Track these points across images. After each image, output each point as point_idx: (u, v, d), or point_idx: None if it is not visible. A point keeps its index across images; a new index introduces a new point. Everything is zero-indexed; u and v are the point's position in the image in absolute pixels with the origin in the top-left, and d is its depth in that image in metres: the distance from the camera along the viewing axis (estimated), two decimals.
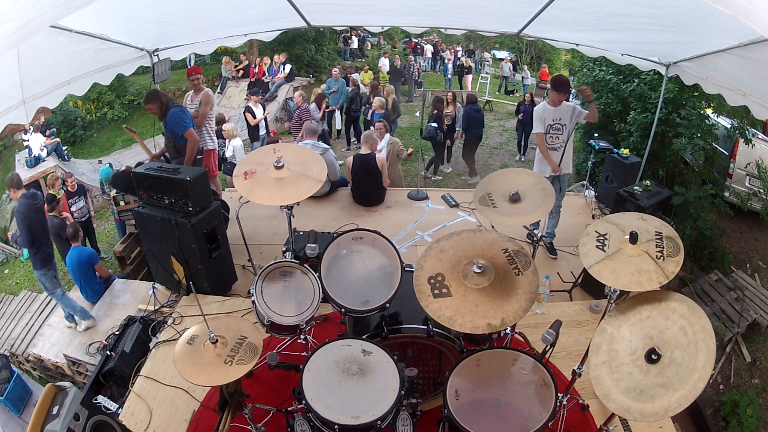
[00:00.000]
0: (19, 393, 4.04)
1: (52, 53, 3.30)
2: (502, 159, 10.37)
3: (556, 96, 4.25)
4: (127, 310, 4.19)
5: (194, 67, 5.13)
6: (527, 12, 4.15)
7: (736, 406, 4.22)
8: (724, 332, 4.83)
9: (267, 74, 13.21)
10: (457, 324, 1.97)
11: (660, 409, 1.80)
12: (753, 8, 1.84)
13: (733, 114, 6.03)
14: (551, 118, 4.30)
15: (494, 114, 13.97)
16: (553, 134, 4.34)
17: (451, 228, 5.30)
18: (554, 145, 4.38)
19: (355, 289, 2.55)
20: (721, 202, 5.67)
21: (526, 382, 2.20)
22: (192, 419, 2.96)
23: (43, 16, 1.86)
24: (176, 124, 4.32)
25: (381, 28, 5.79)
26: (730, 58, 3.59)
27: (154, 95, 4.35)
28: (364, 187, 5.69)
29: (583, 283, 4.23)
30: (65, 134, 11.60)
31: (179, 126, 4.33)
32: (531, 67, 18.54)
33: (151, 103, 4.34)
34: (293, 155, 3.02)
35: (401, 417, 2.21)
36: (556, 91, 4.25)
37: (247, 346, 2.18)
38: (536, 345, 3.16)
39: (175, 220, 3.69)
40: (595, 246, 2.18)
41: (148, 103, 4.36)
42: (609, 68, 7.21)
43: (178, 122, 4.32)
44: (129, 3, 3.45)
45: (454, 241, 2.30)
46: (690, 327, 1.89)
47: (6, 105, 3.06)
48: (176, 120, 4.32)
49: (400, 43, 21.02)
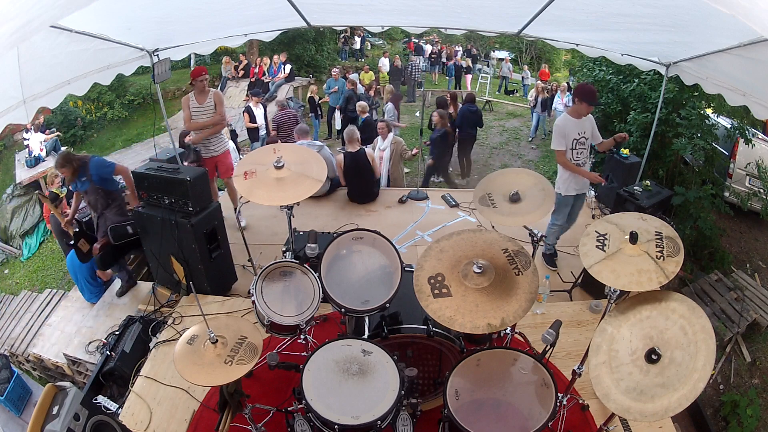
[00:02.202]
0: (19, 393, 4.05)
1: (52, 53, 3.30)
2: (502, 159, 10.37)
3: (585, 108, 3.87)
4: (127, 310, 4.18)
5: (201, 68, 5.01)
6: (527, 12, 4.13)
7: (736, 406, 4.22)
8: (724, 332, 4.83)
9: (267, 74, 13.22)
10: (457, 324, 1.97)
11: (660, 409, 1.80)
12: (753, 8, 1.84)
13: (733, 114, 6.03)
14: (576, 132, 3.96)
15: (494, 114, 13.98)
16: (579, 149, 4.00)
17: (451, 228, 5.30)
18: (579, 160, 4.04)
19: (355, 289, 2.55)
20: (721, 202, 5.67)
21: (526, 382, 2.20)
22: (192, 419, 2.96)
23: (43, 16, 1.86)
24: (103, 168, 3.99)
25: (381, 28, 5.79)
26: (730, 58, 3.59)
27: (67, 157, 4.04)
28: (357, 184, 5.70)
29: (583, 283, 4.23)
30: (65, 134, 11.60)
31: (107, 168, 4.02)
32: (531, 67, 18.55)
33: (64, 168, 3.99)
34: (293, 155, 3.02)
35: (401, 417, 2.22)
36: (587, 103, 3.86)
37: (247, 346, 2.18)
38: (536, 345, 3.16)
39: (175, 220, 3.69)
40: (595, 246, 2.18)
41: (62, 167, 4.01)
42: (609, 68, 7.21)
43: (104, 165, 4.02)
44: (129, 3, 3.45)
45: (454, 241, 2.30)
46: (690, 327, 1.89)
47: (6, 105, 3.05)
48: (101, 164, 4.00)
49: (399, 43, 21.03)
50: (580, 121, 3.95)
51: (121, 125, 12.97)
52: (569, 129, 3.95)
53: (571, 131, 3.96)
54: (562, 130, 3.95)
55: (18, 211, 8.68)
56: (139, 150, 11.29)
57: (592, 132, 4.04)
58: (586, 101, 3.85)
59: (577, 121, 3.95)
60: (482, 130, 9.86)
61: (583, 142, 4.01)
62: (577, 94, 3.98)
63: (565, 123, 3.98)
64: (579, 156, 4.04)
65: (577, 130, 3.96)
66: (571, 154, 4.02)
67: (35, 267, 7.64)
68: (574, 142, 3.99)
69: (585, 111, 3.91)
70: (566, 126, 3.96)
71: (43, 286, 6.83)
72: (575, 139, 3.97)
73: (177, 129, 9.45)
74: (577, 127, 3.96)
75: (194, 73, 4.81)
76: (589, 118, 4.03)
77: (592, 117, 4.08)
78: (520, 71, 17.36)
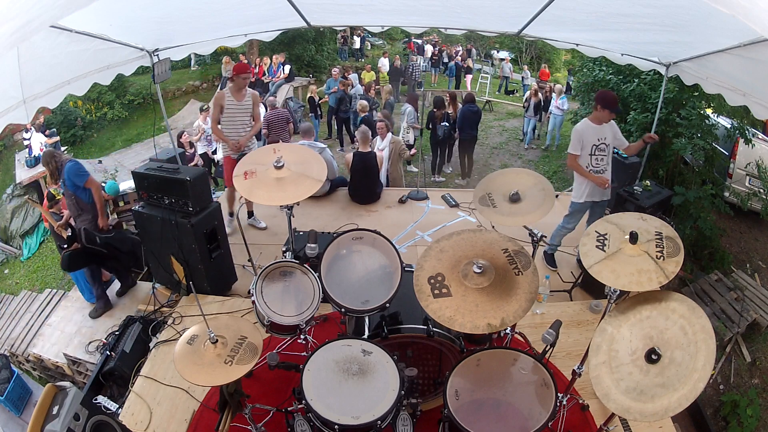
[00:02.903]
0: (19, 393, 4.05)
1: (52, 53, 3.30)
2: (502, 159, 10.38)
3: (606, 115, 3.83)
4: (127, 310, 4.19)
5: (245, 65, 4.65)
6: (527, 12, 4.13)
7: (736, 406, 4.22)
8: (724, 332, 4.83)
9: (267, 74, 13.22)
10: (457, 324, 1.97)
11: (660, 409, 1.80)
12: (753, 8, 1.84)
13: (733, 114, 6.03)
14: (596, 137, 3.92)
15: (494, 114, 13.99)
16: (598, 155, 3.97)
17: (451, 228, 5.30)
18: (599, 167, 4.00)
19: (355, 289, 2.55)
20: (721, 202, 5.67)
21: (526, 382, 2.20)
22: (192, 419, 2.96)
23: (43, 16, 1.86)
24: (76, 176, 4.00)
25: (381, 28, 5.79)
26: (730, 58, 3.59)
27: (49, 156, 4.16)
28: (362, 185, 5.70)
29: (583, 283, 4.23)
30: (65, 134, 11.60)
31: (79, 176, 4.02)
32: (531, 67, 18.56)
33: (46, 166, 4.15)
34: (293, 155, 3.02)
35: (401, 417, 2.21)
36: (609, 109, 3.81)
37: (247, 346, 2.18)
38: (536, 345, 3.16)
39: (175, 220, 3.69)
40: (595, 246, 2.18)
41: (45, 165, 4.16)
42: (609, 68, 7.21)
43: (77, 173, 4.02)
44: (129, 3, 3.45)
45: (454, 241, 2.30)
46: (690, 327, 1.89)
47: (6, 105, 3.05)
48: (75, 172, 4.01)
49: (399, 43, 21.04)
50: (600, 127, 3.93)
51: (121, 125, 12.98)
52: (588, 135, 3.93)
53: (590, 137, 3.93)
54: (580, 135, 3.93)
55: (18, 211, 8.68)
56: (139, 150, 11.30)
57: (614, 138, 4.01)
58: (608, 108, 3.82)
59: (598, 127, 3.93)
60: (482, 130, 9.91)
61: (603, 149, 3.98)
62: (598, 100, 3.93)
63: (585, 128, 3.95)
64: (599, 162, 4.01)
65: (597, 136, 3.94)
66: (590, 160, 3.99)
67: (35, 267, 7.64)
68: (593, 148, 3.95)
69: (606, 118, 3.87)
70: (585, 131, 3.93)
71: (43, 286, 6.83)
72: (594, 145, 3.94)
73: (177, 129, 9.48)
74: (597, 133, 3.93)
75: (240, 69, 4.54)
76: (611, 124, 3.98)
77: (614, 123, 4.04)
78: (520, 71, 17.37)
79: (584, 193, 4.11)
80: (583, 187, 4.12)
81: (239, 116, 4.57)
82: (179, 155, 5.59)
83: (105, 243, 4.04)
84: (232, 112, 4.53)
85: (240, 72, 4.50)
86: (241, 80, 4.50)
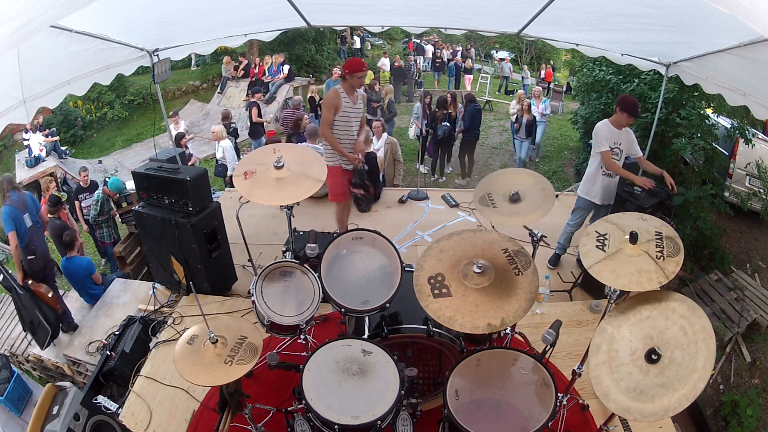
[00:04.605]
0: (19, 393, 4.04)
1: (52, 53, 3.30)
2: (502, 159, 10.38)
3: (625, 119, 3.82)
4: (127, 310, 4.18)
5: (359, 60, 4.11)
6: (527, 12, 4.14)
7: (736, 406, 4.22)
8: (724, 332, 4.83)
9: (267, 74, 13.23)
10: (457, 324, 1.97)
11: (660, 409, 1.80)
12: (753, 8, 1.84)
13: (733, 114, 6.03)
14: (612, 141, 3.90)
15: (494, 114, 13.98)
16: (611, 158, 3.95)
17: (451, 228, 5.30)
18: (608, 170, 3.99)
19: (355, 289, 2.55)
20: (721, 202, 5.67)
21: (526, 382, 2.20)
22: (192, 419, 2.96)
23: (43, 16, 1.86)
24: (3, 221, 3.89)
25: (381, 28, 5.79)
26: (730, 58, 3.59)
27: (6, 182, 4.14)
28: None
29: (583, 283, 4.23)
30: (65, 134, 11.61)
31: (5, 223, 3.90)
32: (531, 67, 18.56)
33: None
34: (293, 155, 3.02)
35: (401, 417, 2.21)
36: (628, 113, 3.79)
37: (247, 346, 2.18)
38: (536, 345, 3.15)
39: (175, 220, 3.69)
40: (595, 246, 2.18)
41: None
42: (609, 68, 7.22)
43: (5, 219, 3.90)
44: (129, 3, 3.45)
45: (454, 241, 2.30)
46: (690, 327, 1.89)
47: (6, 105, 3.05)
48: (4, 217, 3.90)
49: (399, 43, 21.04)
50: (618, 132, 3.91)
51: (121, 125, 12.99)
52: (608, 134, 3.90)
53: (609, 137, 3.90)
54: (604, 134, 3.90)
55: None
56: (139, 150, 11.30)
57: (629, 145, 3.98)
58: (627, 112, 3.79)
59: (616, 131, 3.91)
60: (482, 130, 9.89)
61: (617, 153, 3.95)
62: (619, 103, 3.89)
63: (604, 128, 3.92)
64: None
65: (613, 139, 3.91)
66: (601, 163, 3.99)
67: None
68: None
69: (625, 122, 3.86)
70: (607, 131, 3.90)
71: None
72: (610, 146, 3.92)
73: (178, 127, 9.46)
74: (613, 137, 3.91)
75: (355, 66, 3.90)
76: (628, 131, 3.97)
77: (632, 131, 4.02)
78: (520, 71, 17.37)
79: (590, 191, 4.14)
80: (591, 185, 4.14)
81: (354, 120, 4.02)
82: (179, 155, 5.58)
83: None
84: (346, 114, 3.95)
85: (355, 70, 3.86)
86: (356, 79, 3.88)
